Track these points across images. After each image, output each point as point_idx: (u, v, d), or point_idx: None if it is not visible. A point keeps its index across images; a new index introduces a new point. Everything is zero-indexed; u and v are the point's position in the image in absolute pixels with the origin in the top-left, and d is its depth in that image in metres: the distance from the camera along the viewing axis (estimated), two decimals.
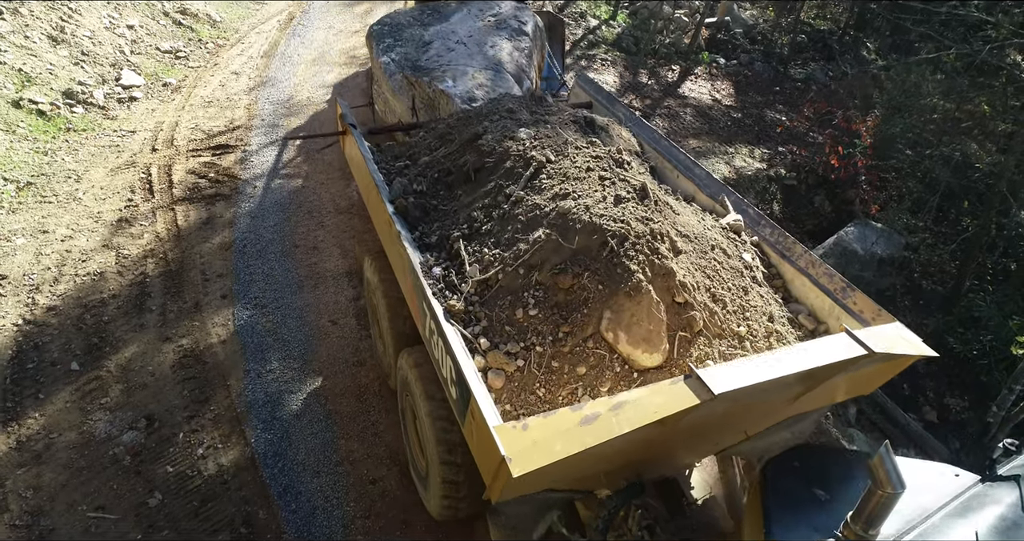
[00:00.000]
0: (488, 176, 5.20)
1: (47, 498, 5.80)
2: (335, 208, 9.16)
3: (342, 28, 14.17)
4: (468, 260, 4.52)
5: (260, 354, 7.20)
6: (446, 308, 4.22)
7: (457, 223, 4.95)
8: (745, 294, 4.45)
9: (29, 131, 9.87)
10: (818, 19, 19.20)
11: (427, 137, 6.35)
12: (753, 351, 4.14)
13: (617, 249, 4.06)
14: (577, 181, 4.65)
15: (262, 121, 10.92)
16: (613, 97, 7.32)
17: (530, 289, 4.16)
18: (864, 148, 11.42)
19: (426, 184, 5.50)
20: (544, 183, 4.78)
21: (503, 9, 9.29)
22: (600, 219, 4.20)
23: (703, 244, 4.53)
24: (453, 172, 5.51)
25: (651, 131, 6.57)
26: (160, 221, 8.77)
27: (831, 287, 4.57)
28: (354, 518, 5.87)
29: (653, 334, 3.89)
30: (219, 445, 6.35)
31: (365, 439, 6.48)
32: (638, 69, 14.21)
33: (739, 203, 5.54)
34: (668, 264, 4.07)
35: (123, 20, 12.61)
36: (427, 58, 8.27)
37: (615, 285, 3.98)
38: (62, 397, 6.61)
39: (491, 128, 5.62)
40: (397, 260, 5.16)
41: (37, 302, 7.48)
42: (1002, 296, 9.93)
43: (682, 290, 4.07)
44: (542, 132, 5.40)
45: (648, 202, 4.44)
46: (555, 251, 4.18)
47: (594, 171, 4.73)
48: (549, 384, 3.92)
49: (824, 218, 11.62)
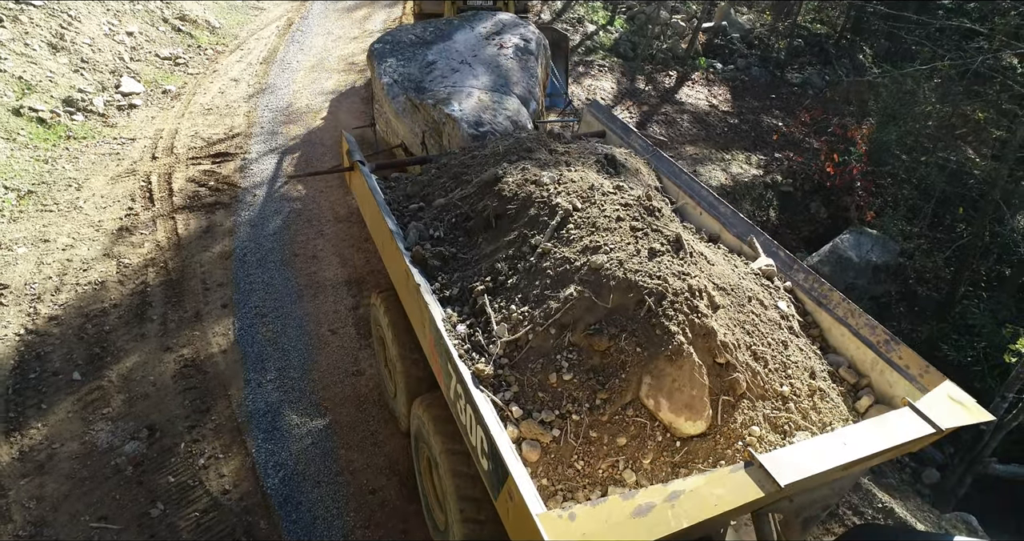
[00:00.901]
0: (510, 224, 4.97)
1: (50, 508, 5.86)
2: (334, 216, 9.22)
3: (341, 34, 14.22)
4: (495, 318, 4.31)
5: (260, 364, 7.26)
6: (474, 373, 3.99)
7: (479, 274, 4.71)
8: (785, 348, 4.30)
9: (29, 139, 9.92)
10: (815, 23, 19.29)
11: (440, 175, 6.10)
12: (798, 412, 4.00)
13: (655, 308, 3.86)
14: (608, 232, 4.42)
15: (261, 129, 10.98)
16: (628, 126, 7.09)
17: (563, 351, 3.93)
18: (860, 155, 11.51)
19: (443, 229, 5.27)
20: (572, 233, 4.53)
21: (506, 26, 9.13)
22: (635, 276, 3.99)
23: (740, 296, 4.37)
24: (472, 217, 5.26)
25: (670, 164, 6.35)
26: (160, 230, 8.82)
27: (873, 339, 4.38)
28: (354, 528, 5.93)
29: (696, 400, 3.73)
30: (220, 455, 6.42)
31: (365, 449, 6.55)
32: (635, 75, 14.28)
33: (768, 244, 5.32)
34: (709, 323, 3.89)
35: (122, 27, 12.66)
36: (431, 79, 8.10)
37: (655, 348, 3.77)
38: (64, 407, 6.67)
39: (510, 170, 5.38)
40: (416, 312, 4.92)
41: (39, 312, 7.53)
42: (996, 303, 10.03)
43: (723, 351, 3.90)
44: (566, 176, 5.15)
45: (683, 254, 4.24)
46: (588, 310, 3.98)
47: (625, 221, 4.49)
48: (588, 456, 3.71)
49: (820, 224, 11.70)
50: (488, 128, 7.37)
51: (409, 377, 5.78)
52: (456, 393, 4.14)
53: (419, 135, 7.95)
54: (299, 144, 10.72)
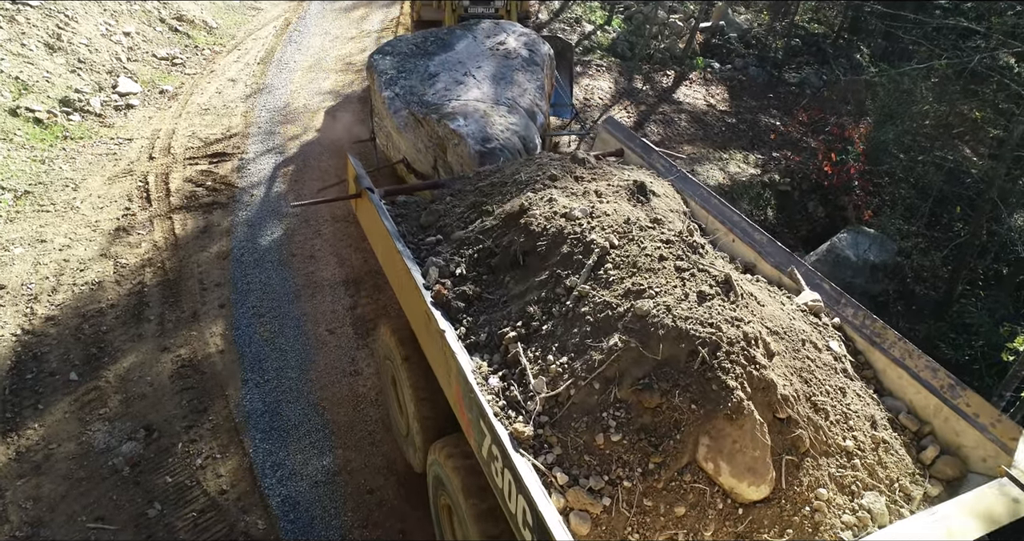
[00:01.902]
0: (541, 262, 4.58)
1: (47, 509, 5.84)
2: (332, 216, 9.21)
3: (338, 34, 14.21)
4: (531, 369, 3.97)
5: (258, 364, 7.25)
6: (512, 434, 3.65)
7: (509, 318, 4.36)
8: (843, 396, 4.04)
9: (26, 139, 9.90)
10: (812, 23, 19.30)
11: (456, 203, 5.72)
12: (864, 469, 3.75)
13: (709, 360, 3.57)
14: (651, 273, 4.08)
15: (259, 129, 10.97)
16: (648, 145, 6.67)
17: (610, 408, 3.61)
18: (857, 154, 11.52)
19: (465, 266, 4.87)
20: (611, 274, 4.19)
21: (510, 36, 8.83)
22: (686, 323, 3.68)
23: (794, 340, 4.09)
24: (497, 253, 4.85)
25: (697, 186, 5.94)
26: (158, 230, 8.81)
27: (936, 383, 4.06)
28: (352, 528, 5.93)
29: (759, 461, 3.45)
30: (217, 455, 6.41)
31: (362, 449, 6.54)
32: (633, 74, 14.28)
33: (811, 276, 4.97)
34: (768, 375, 3.62)
35: (119, 27, 12.64)
36: (434, 92, 7.81)
37: (712, 405, 3.48)
38: (61, 407, 6.65)
39: (536, 201, 4.99)
40: (439, 358, 4.56)
41: (35, 312, 7.52)
42: (993, 302, 10.04)
43: (784, 404, 3.62)
44: (599, 208, 4.78)
45: (734, 297, 3.94)
46: (635, 362, 3.65)
47: (668, 260, 4.17)
48: (643, 527, 3.41)
49: (817, 224, 11.71)
50: (496, 144, 7.10)
51: (425, 420, 5.48)
52: (491, 454, 3.78)
53: (422, 150, 7.71)
54: (296, 155, 10.71)
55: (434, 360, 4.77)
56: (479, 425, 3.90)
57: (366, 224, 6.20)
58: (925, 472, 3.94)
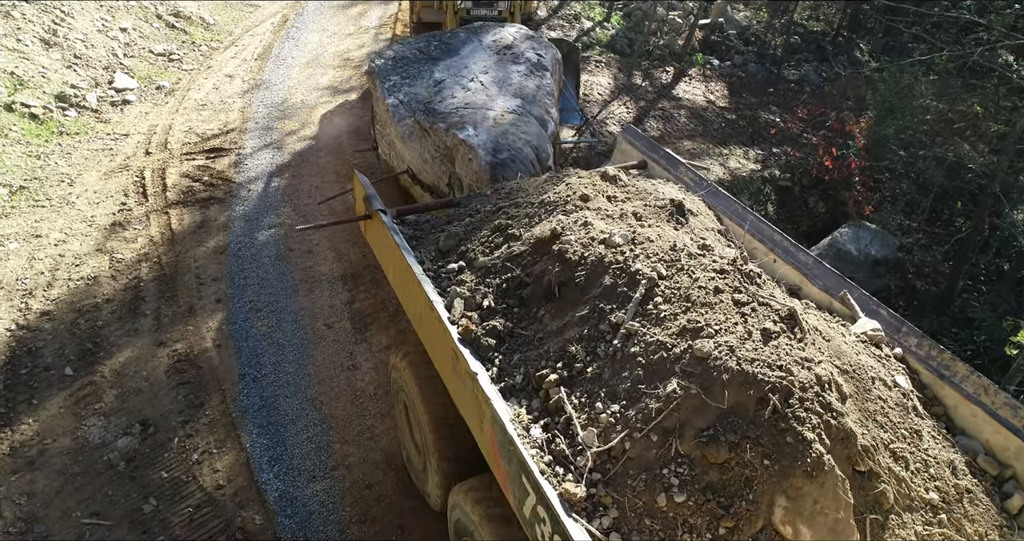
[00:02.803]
0: (580, 294, 4.19)
1: (41, 504, 5.77)
2: (330, 211, 9.12)
3: (336, 30, 14.15)
4: (577, 418, 3.58)
5: (255, 358, 7.18)
6: (563, 495, 3.27)
7: (547, 358, 3.97)
8: (919, 439, 3.74)
9: (22, 135, 9.82)
10: (811, 20, 19.26)
11: (477, 224, 5.30)
12: (951, 524, 3.45)
13: (782, 409, 3.23)
14: (707, 308, 3.71)
15: (256, 124, 10.90)
16: (674, 157, 6.23)
17: (671, 464, 3.25)
18: (858, 149, 11.46)
19: (492, 297, 4.47)
20: (662, 309, 3.80)
21: (517, 39, 8.54)
22: (752, 366, 3.33)
23: (863, 378, 3.76)
24: (528, 283, 4.45)
25: (730, 202, 5.55)
26: (154, 225, 8.73)
27: (1017, 423, 3.72)
28: (350, 523, 5.86)
29: (842, 523, 3.16)
30: (214, 450, 6.33)
31: (361, 443, 6.47)
32: (632, 71, 14.22)
33: (866, 301, 4.55)
34: (847, 424, 3.30)
35: (116, 23, 12.57)
36: (440, 99, 7.51)
37: (788, 460, 3.14)
38: (56, 402, 6.58)
39: (569, 225, 4.58)
40: (468, 401, 4.16)
41: (30, 307, 7.44)
42: (996, 296, 9.98)
43: (865, 456, 3.32)
44: (641, 234, 4.37)
45: (800, 333, 3.60)
46: (698, 411, 3.30)
47: (724, 292, 3.80)
48: None
49: (818, 219, 11.66)
50: (507, 155, 6.82)
51: (446, 459, 5.08)
52: (536, 515, 3.40)
53: (429, 161, 7.44)
54: (294, 151, 10.65)
55: (462, 401, 4.33)
56: (521, 482, 3.50)
57: (377, 247, 5.76)
58: (1013, 523, 3.68)
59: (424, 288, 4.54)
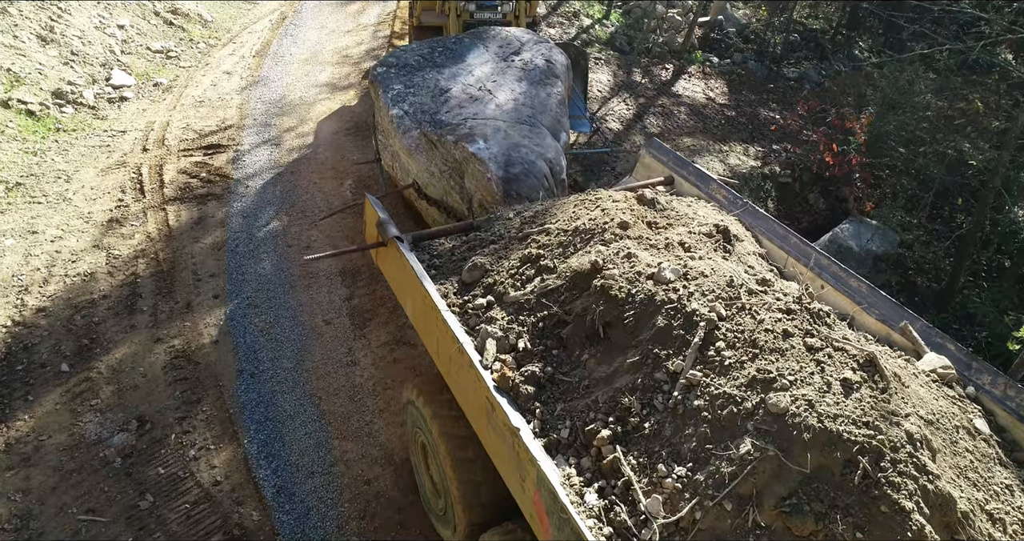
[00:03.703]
0: (628, 336, 3.81)
1: (36, 501, 5.71)
2: (328, 207, 9.08)
3: (334, 28, 14.10)
4: (638, 483, 3.23)
5: (253, 354, 7.13)
6: None
7: (595, 409, 3.63)
8: (1011, 496, 3.42)
9: (18, 131, 9.77)
10: (810, 18, 19.23)
11: (502, 253, 4.87)
12: None
13: (873, 473, 2.91)
14: (777, 355, 3.35)
15: (254, 120, 10.84)
16: (704, 172, 5.86)
17: (749, 537, 2.92)
18: (858, 146, 11.42)
19: (528, 337, 4.08)
20: (726, 356, 3.44)
21: (525, 45, 8.23)
22: (836, 424, 2.99)
23: (947, 428, 3.46)
24: (568, 322, 4.08)
25: (768, 221, 5.16)
26: (151, 221, 8.68)
27: None
28: (349, 519, 5.80)
29: None
30: (211, 446, 6.28)
31: (360, 439, 6.42)
32: (632, 68, 14.18)
33: (928, 333, 4.16)
34: (944, 488, 2.99)
35: (113, 20, 12.51)
36: (447, 109, 7.23)
37: (884, 533, 2.84)
38: (52, 399, 6.52)
39: (610, 257, 4.19)
40: (506, 456, 3.78)
41: (26, 303, 7.38)
42: (997, 292, 9.94)
43: (965, 523, 3.03)
44: (692, 267, 3.98)
45: (883, 382, 3.27)
46: (777, 476, 2.96)
47: (794, 336, 3.43)
48: None
49: (819, 215, 11.62)
50: (520, 169, 6.55)
51: (472, 505, 4.65)
52: None
53: (436, 175, 7.16)
54: (292, 147, 10.59)
55: (499, 455, 3.91)
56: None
57: (393, 277, 5.35)
58: None
59: (451, 328, 4.16)
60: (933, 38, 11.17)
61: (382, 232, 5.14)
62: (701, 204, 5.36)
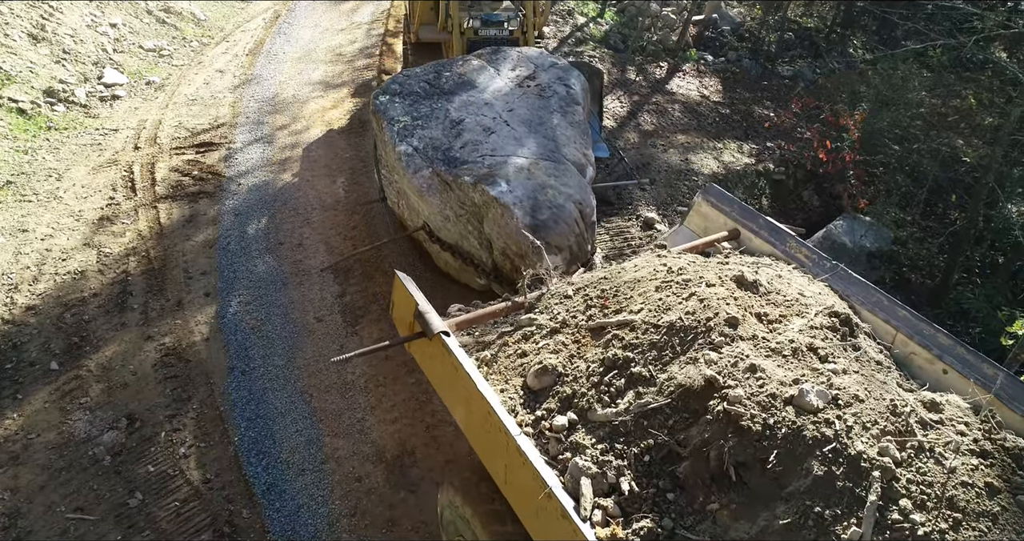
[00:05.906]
0: (774, 485, 3.07)
1: (25, 499, 5.68)
2: (320, 205, 9.05)
3: (328, 26, 14.06)
4: None
5: (244, 352, 7.09)
6: None
7: None
8: None
9: (9, 130, 9.72)
10: (805, 17, 19.24)
11: (574, 350, 3.95)
12: None
13: None
14: (984, 520, 2.75)
15: (247, 119, 10.80)
16: (776, 225, 4.97)
17: None
18: (852, 143, 11.41)
19: (631, 473, 3.28)
20: (915, 520, 2.78)
21: (539, 67, 7.67)
22: None
23: None
24: (684, 456, 3.28)
25: (866, 288, 4.37)
26: (142, 219, 8.64)
27: None
28: (339, 516, 5.77)
29: None
30: (202, 444, 6.25)
31: (351, 436, 6.39)
32: (626, 66, 14.17)
33: None
34: None
35: (105, 18, 12.47)
36: (461, 145, 6.64)
37: None
38: (41, 397, 6.48)
39: (727, 370, 3.39)
40: None
41: (16, 301, 7.34)
42: (990, 288, 9.95)
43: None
44: (840, 386, 3.26)
45: None
46: None
47: (998, 490, 2.86)
48: None
49: (813, 212, 11.61)
50: (548, 215, 6.05)
51: None
52: None
53: (451, 218, 6.58)
54: (284, 145, 10.56)
55: None
56: None
57: (436, 375, 4.44)
58: None
59: (534, 465, 3.29)
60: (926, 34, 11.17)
61: (423, 324, 4.23)
62: (795, 275, 4.51)
